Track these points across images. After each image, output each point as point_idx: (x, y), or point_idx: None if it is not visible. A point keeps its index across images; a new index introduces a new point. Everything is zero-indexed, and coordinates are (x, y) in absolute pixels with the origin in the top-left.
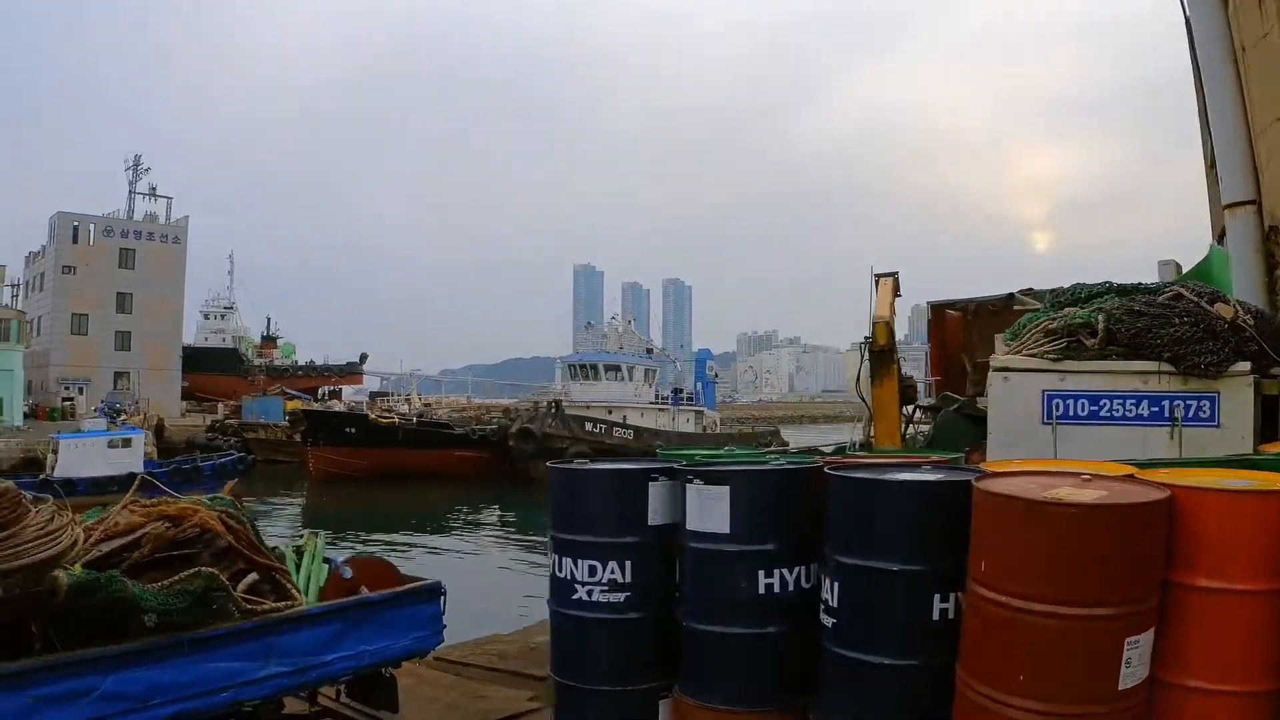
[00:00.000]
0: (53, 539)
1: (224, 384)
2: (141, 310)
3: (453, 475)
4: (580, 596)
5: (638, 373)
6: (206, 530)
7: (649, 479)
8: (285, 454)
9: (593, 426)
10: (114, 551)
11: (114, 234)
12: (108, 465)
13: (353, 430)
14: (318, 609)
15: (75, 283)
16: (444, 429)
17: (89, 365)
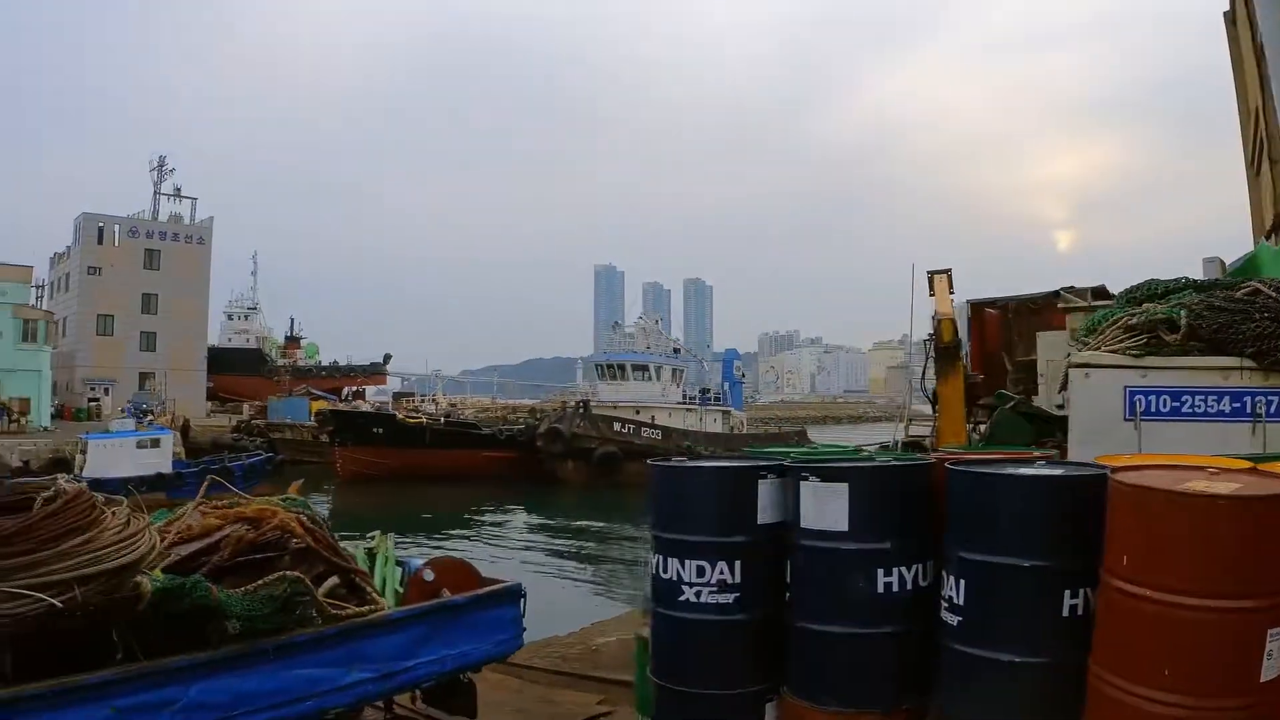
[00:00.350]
0: (131, 543)
1: (248, 385)
2: (166, 311)
3: (480, 476)
4: (687, 598)
5: (665, 373)
6: (286, 532)
7: (758, 477)
8: (311, 454)
9: (621, 427)
10: (192, 555)
11: (139, 235)
12: (136, 466)
13: (380, 431)
14: (401, 613)
15: (100, 284)
16: (471, 429)
17: (114, 366)
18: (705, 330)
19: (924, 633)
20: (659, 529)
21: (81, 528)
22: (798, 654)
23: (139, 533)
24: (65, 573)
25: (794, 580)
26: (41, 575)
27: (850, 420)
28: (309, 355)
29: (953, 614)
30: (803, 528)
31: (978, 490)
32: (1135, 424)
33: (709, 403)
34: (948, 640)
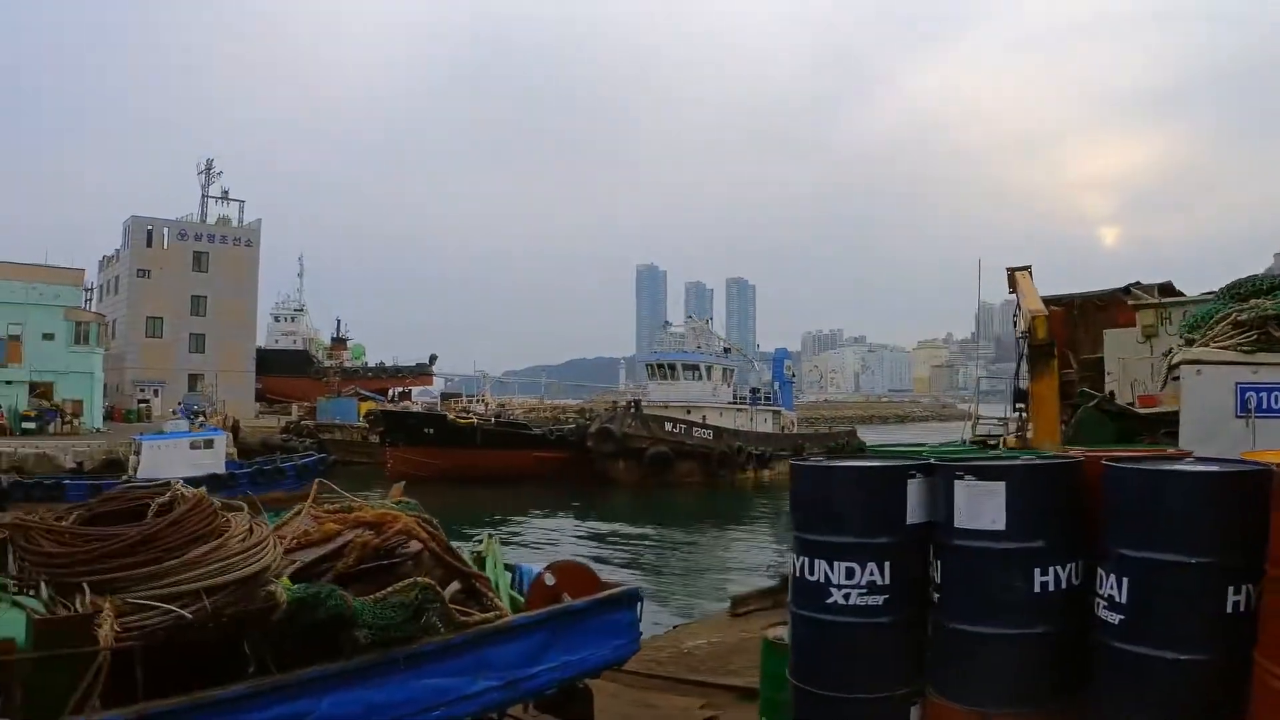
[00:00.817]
0: (258, 550)
1: (295, 386)
2: (215, 313)
3: (531, 476)
4: (836, 600)
5: (715, 372)
6: (410, 537)
7: (907, 476)
8: (361, 455)
9: (672, 427)
10: (315, 561)
11: (187, 237)
12: (190, 467)
13: (431, 431)
14: (526, 619)
15: (150, 286)
16: (522, 430)
17: (164, 368)
18: (749, 329)
19: (1076, 632)
20: (804, 530)
21: (205, 535)
22: (947, 656)
23: (264, 540)
24: (193, 583)
25: (944, 581)
26: (168, 586)
27: (896, 420)
28: (355, 356)
29: (1113, 612)
30: (956, 527)
31: (1142, 487)
32: (1248, 420)
33: (759, 402)
34: (1107, 638)
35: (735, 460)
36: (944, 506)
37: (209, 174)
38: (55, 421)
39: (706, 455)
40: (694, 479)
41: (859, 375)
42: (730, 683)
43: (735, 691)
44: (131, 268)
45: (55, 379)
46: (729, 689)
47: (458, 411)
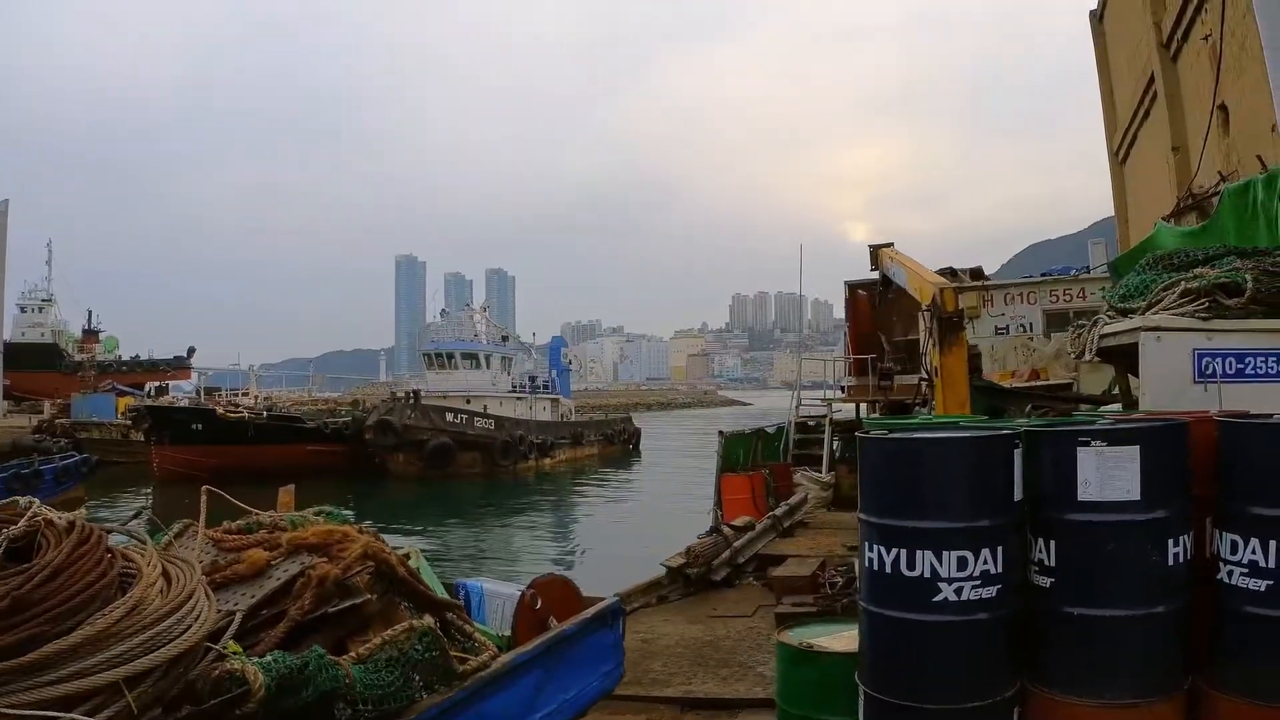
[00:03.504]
0: (190, 606)
1: (44, 381)
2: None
3: (307, 471)
4: (946, 597)
5: (495, 361)
6: (376, 562)
7: (1013, 445)
8: (122, 454)
9: (454, 417)
10: (255, 607)
11: None
12: None
13: (199, 427)
14: (522, 657)
15: None
16: (296, 423)
17: None
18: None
19: (1198, 605)
20: (891, 516)
21: (103, 589)
22: (1064, 646)
23: (194, 589)
24: (104, 671)
25: (1059, 563)
26: (67, 680)
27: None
28: (108, 349)
29: (1257, 578)
30: (1080, 500)
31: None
32: (1205, 386)
33: (538, 391)
34: (1248, 606)
35: (517, 450)
36: (1057, 478)
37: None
38: None
39: (489, 445)
40: (476, 469)
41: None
42: (665, 694)
43: (675, 704)
44: None
45: None
46: (669, 701)
47: (226, 406)
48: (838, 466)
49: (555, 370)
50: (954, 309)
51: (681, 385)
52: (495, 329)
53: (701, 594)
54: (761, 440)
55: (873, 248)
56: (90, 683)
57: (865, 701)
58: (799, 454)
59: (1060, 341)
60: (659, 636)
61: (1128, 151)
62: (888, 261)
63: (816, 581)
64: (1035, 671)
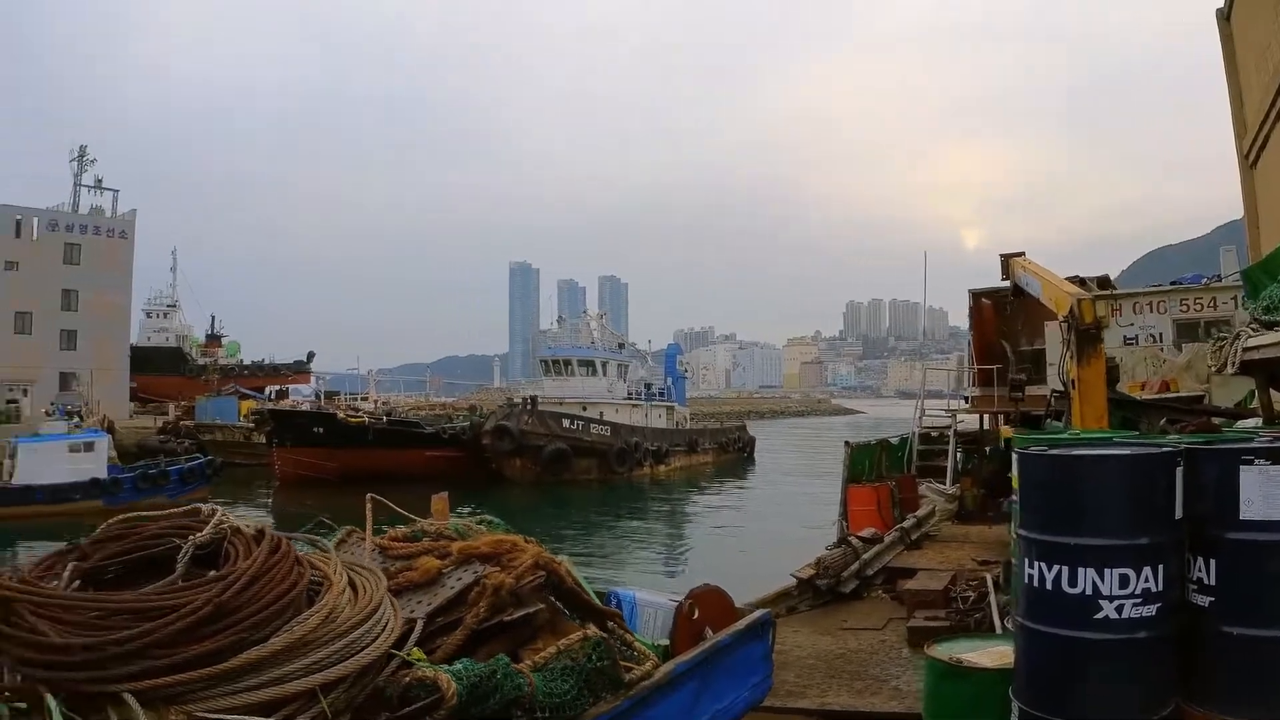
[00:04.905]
0: (378, 615)
1: (169, 384)
2: (88, 308)
3: (424, 475)
4: (1107, 614)
5: (611, 368)
6: (550, 573)
7: (1175, 463)
8: (243, 455)
9: (569, 423)
10: (432, 615)
11: (58, 228)
12: (70, 471)
13: (321, 430)
14: (683, 665)
15: (18, 279)
16: (415, 428)
17: (33, 366)
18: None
19: None
20: (1054, 532)
21: (296, 598)
22: (1226, 666)
23: (381, 598)
24: (302, 677)
25: (1221, 582)
26: (266, 687)
27: (773, 414)
28: (230, 354)
29: None
30: (1242, 520)
31: None
32: None
33: (653, 398)
34: None
35: (632, 456)
36: (1219, 496)
37: (81, 161)
38: None
39: (604, 451)
40: (591, 475)
41: (730, 371)
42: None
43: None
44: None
45: None
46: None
47: (346, 410)
48: (961, 478)
49: (671, 377)
50: (1092, 320)
51: (794, 393)
52: (611, 336)
53: (831, 605)
54: (885, 451)
55: (1004, 257)
56: (289, 688)
57: (1020, 718)
58: (921, 465)
59: (1191, 352)
60: (791, 648)
61: (1259, 154)
62: (1020, 271)
63: (948, 595)
64: (1193, 691)
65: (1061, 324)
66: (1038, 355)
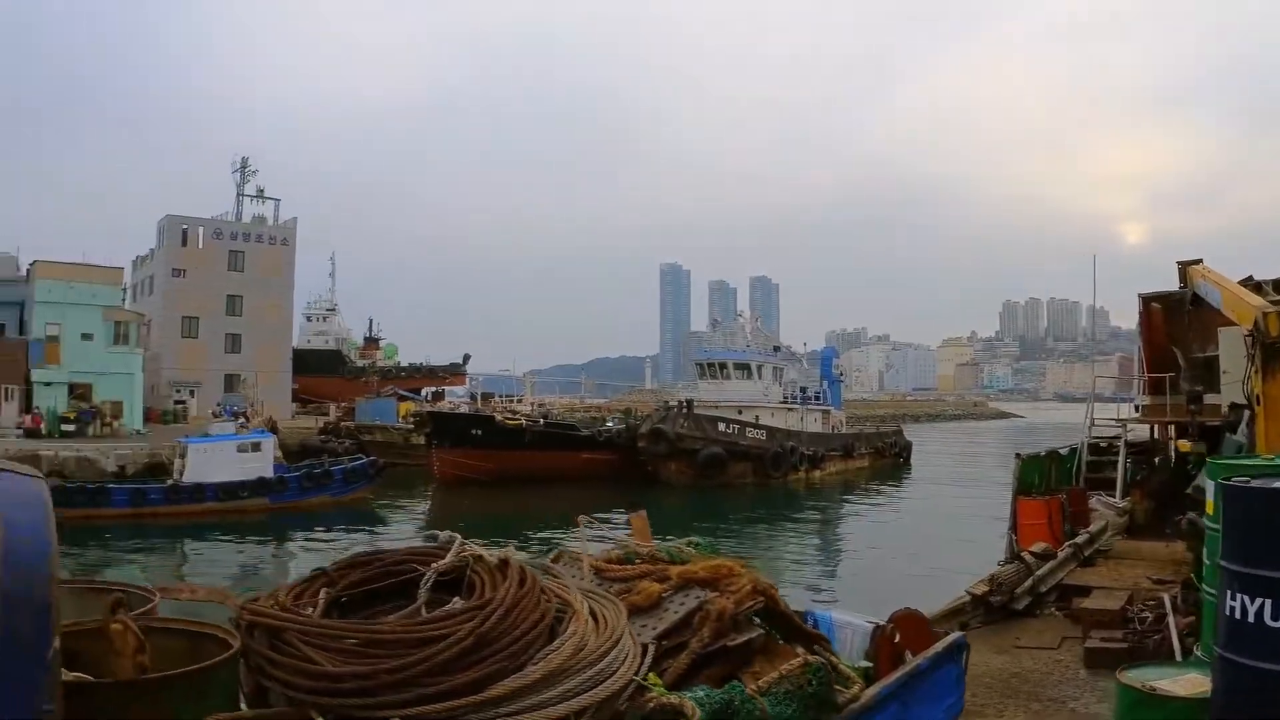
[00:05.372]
0: (620, 644)
1: (328, 386)
2: (251, 312)
3: (579, 477)
4: None
5: (766, 371)
6: (766, 598)
7: None
8: (402, 456)
9: (725, 427)
10: (658, 637)
11: (223, 237)
12: (238, 470)
13: (479, 432)
14: (886, 689)
15: (185, 286)
16: (571, 430)
17: (199, 368)
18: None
19: None
20: (1258, 566)
21: (543, 627)
22: None
23: (621, 627)
24: (560, 704)
25: None
26: (529, 712)
27: (928, 418)
28: (388, 356)
29: None
30: None
31: None
32: None
33: (809, 402)
34: None
35: (787, 460)
36: None
37: (244, 172)
38: (94, 423)
39: (759, 455)
40: (747, 479)
41: (883, 374)
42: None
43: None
44: (167, 267)
45: (94, 380)
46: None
47: (504, 413)
48: (1132, 491)
49: (826, 380)
50: (1278, 334)
51: (949, 395)
52: (766, 339)
53: (1003, 622)
54: (1055, 463)
55: (1181, 264)
56: (548, 715)
57: None
58: (1089, 477)
59: None
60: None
61: None
62: (1199, 279)
63: (1125, 616)
64: None
65: (1246, 338)
66: (1210, 362)
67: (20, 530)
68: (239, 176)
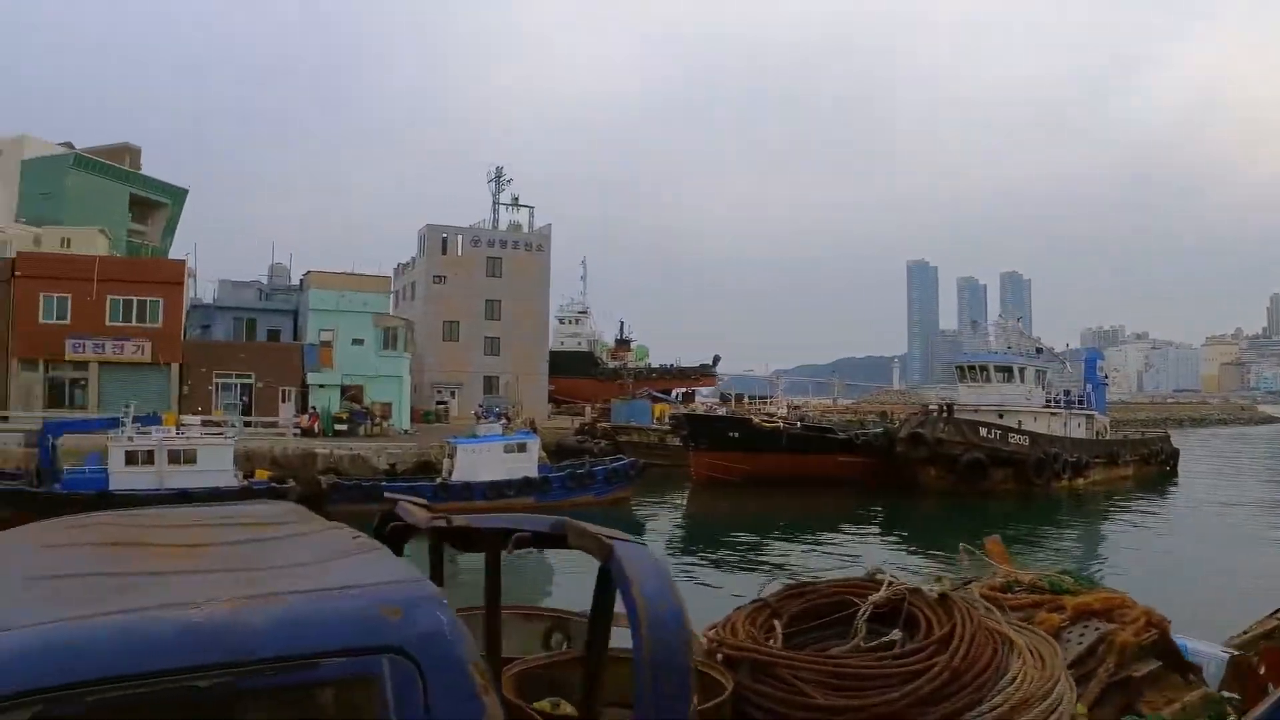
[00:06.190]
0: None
1: (581, 387)
2: (509, 316)
3: (834, 481)
4: None
5: (1028, 374)
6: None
7: None
8: (657, 457)
9: (987, 432)
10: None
11: (480, 244)
12: (504, 470)
13: (735, 435)
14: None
15: (445, 291)
16: (827, 433)
17: (460, 370)
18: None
19: None
20: None
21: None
22: None
23: (1059, 663)
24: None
25: None
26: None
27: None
28: (639, 357)
29: None
30: None
31: None
32: None
33: (1072, 406)
34: None
35: (1050, 467)
36: None
37: (499, 182)
38: (365, 424)
39: (1021, 462)
40: (1008, 486)
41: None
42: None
43: None
44: (428, 274)
45: (365, 382)
46: None
47: (761, 415)
48: None
49: (1090, 384)
50: None
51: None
52: (1028, 340)
53: None
54: None
55: None
56: None
57: None
58: None
59: None
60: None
61: None
62: None
63: None
64: None
65: None
66: None
67: (656, 599)
68: (494, 186)
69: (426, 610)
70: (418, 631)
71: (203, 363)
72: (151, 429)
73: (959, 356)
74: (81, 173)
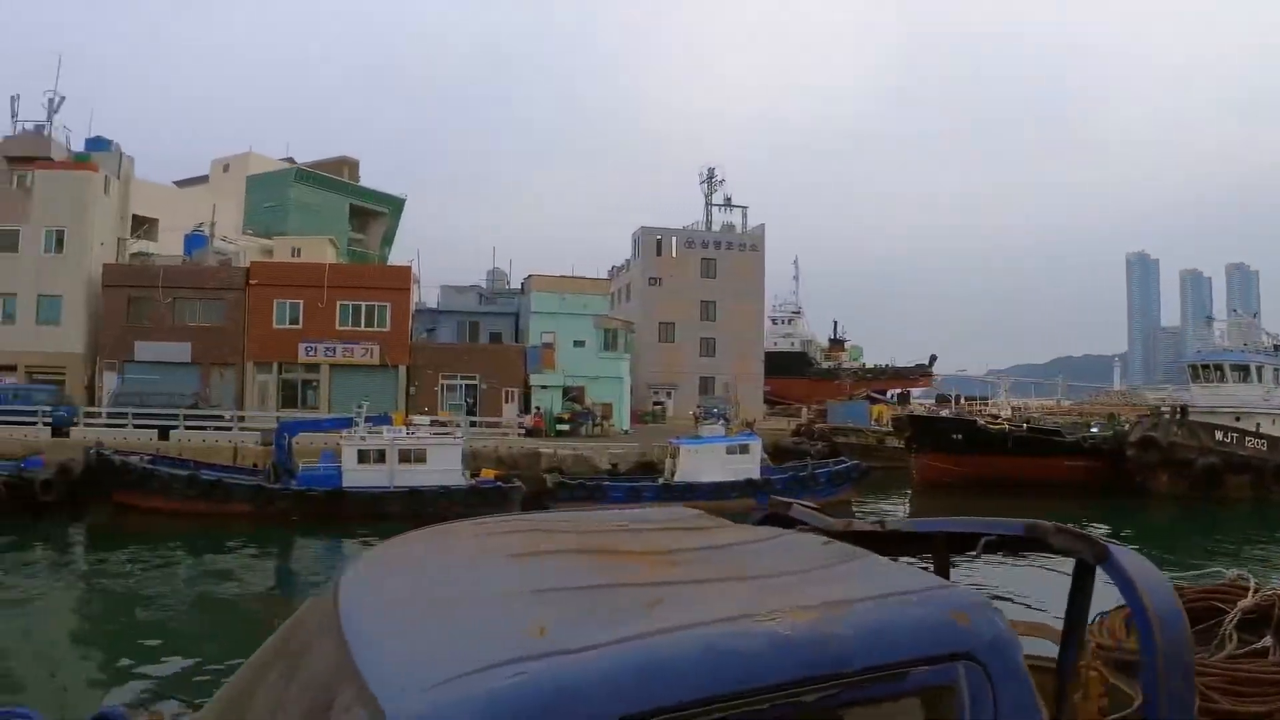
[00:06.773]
0: None
1: (795, 387)
2: (724, 317)
3: (1059, 486)
4: None
5: (1267, 373)
6: None
7: None
8: (876, 459)
9: (1223, 436)
10: None
11: (694, 245)
12: (727, 472)
13: (959, 437)
14: None
15: (661, 293)
16: (1054, 436)
17: (676, 371)
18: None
19: None
20: None
21: None
22: None
23: None
24: None
25: None
26: None
27: None
28: (854, 358)
29: None
30: None
31: None
32: None
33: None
34: None
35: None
36: None
37: (711, 183)
38: (588, 424)
39: (1260, 468)
40: (1243, 494)
41: None
42: None
43: None
44: (643, 276)
45: (587, 383)
46: None
47: (986, 417)
48: None
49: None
50: None
51: None
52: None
53: None
54: None
55: None
56: None
57: None
58: None
59: None
60: None
61: None
62: None
63: None
64: None
65: None
66: None
67: (1162, 600)
68: (706, 187)
69: (988, 615)
70: (986, 637)
71: (429, 364)
72: (383, 429)
73: (1189, 355)
74: (304, 186)
